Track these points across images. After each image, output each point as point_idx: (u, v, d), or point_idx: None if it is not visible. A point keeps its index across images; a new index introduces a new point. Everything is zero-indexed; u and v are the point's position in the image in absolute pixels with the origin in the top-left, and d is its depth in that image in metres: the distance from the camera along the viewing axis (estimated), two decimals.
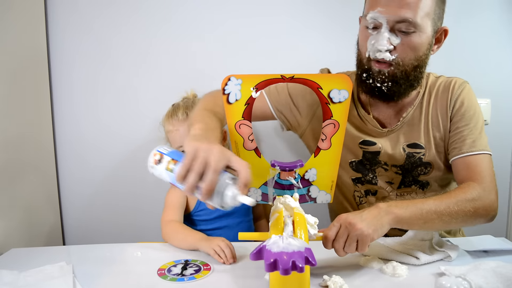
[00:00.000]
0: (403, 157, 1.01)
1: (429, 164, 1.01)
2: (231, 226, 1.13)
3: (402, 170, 1.02)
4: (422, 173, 1.01)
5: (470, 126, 0.96)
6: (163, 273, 0.83)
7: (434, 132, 0.99)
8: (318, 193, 0.84)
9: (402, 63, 0.90)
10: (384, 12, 0.86)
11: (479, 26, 1.33)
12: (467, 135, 0.95)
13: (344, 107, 0.78)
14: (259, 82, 0.77)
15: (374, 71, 0.92)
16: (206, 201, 0.66)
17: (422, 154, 1.00)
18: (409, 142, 1.01)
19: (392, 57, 0.89)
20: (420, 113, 1.00)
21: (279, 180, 0.83)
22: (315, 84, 0.77)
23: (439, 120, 0.99)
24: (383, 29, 0.87)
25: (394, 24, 0.87)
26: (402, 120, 1.01)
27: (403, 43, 0.88)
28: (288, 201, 0.76)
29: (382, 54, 0.88)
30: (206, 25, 1.33)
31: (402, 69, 0.91)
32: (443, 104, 0.99)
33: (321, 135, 0.81)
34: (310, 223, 0.75)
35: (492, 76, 1.35)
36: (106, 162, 1.38)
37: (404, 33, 0.87)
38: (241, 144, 0.81)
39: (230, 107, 0.78)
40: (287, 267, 0.55)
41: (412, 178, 1.03)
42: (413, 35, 0.88)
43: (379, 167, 1.04)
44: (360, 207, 1.08)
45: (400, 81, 0.92)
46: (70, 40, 1.32)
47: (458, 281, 0.69)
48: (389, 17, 0.86)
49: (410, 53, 0.89)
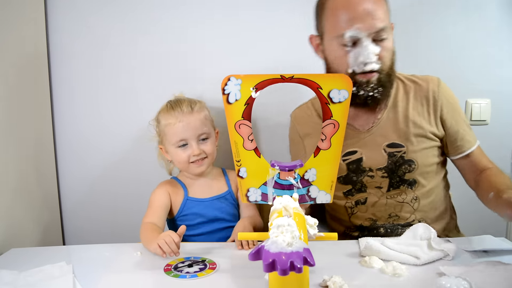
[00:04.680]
0: (385, 158, 1.04)
1: (412, 161, 1.03)
2: (215, 232, 1.11)
3: (387, 171, 1.04)
4: (407, 171, 1.04)
5: (461, 122, 1.05)
6: (169, 269, 0.84)
7: (416, 129, 1.03)
8: (318, 193, 0.84)
9: (384, 66, 0.97)
10: (362, 28, 0.92)
11: (479, 26, 1.33)
12: (463, 133, 1.04)
13: (344, 107, 0.78)
14: (258, 82, 0.77)
15: (361, 82, 0.97)
16: None
17: (403, 152, 1.03)
18: (388, 142, 1.04)
19: (378, 65, 0.96)
20: (395, 113, 1.05)
21: (278, 180, 0.83)
22: (315, 84, 0.77)
23: (423, 117, 1.04)
24: (365, 43, 0.93)
25: (373, 36, 0.94)
26: (377, 122, 1.05)
27: (382, 49, 0.95)
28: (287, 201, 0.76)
29: (370, 66, 0.95)
30: (206, 25, 1.33)
31: (385, 73, 0.98)
32: (424, 101, 1.04)
33: (320, 135, 0.81)
34: (309, 224, 0.75)
35: (492, 76, 1.35)
36: (106, 162, 1.38)
37: (381, 41, 0.95)
38: (241, 144, 0.81)
39: (230, 107, 0.78)
40: (285, 268, 0.55)
41: (399, 179, 1.04)
42: (386, 40, 0.96)
43: (365, 176, 1.06)
44: (352, 219, 1.10)
45: (386, 83, 0.99)
46: (70, 40, 1.32)
47: (458, 281, 0.69)
48: (369, 31, 0.93)
49: (388, 56, 0.98)
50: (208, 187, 1.13)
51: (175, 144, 1.07)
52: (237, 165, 0.83)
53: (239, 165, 0.83)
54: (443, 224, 1.09)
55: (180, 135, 1.07)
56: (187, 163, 1.08)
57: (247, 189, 0.84)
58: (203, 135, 1.09)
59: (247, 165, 0.83)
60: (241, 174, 0.83)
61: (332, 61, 1.01)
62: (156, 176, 1.36)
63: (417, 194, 1.05)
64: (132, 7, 1.32)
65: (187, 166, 1.09)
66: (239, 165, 0.83)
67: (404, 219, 1.05)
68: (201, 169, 1.10)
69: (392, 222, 1.07)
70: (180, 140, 1.07)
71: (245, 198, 0.85)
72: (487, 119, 1.36)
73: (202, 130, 1.08)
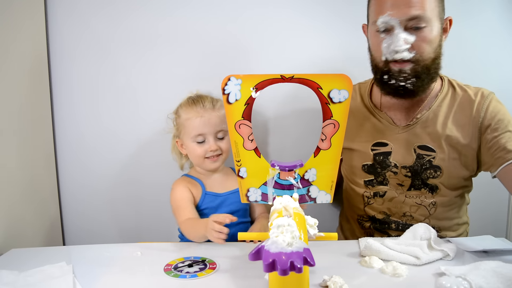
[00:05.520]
0: (413, 158, 1.02)
1: (439, 167, 1.01)
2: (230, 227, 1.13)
3: (412, 171, 1.03)
4: (431, 176, 1.02)
5: (506, 134, 0.95)
6: (169, 269, 0.84)
7: (450, 139, 1.00)
8: (318, 193, 0.85)
9: (421, 58, 0.93)
10: (394, 14, 0.90)
11: (479, 25, 1.33)
12: (505, 143, 0.94)
13: (344, 107, 0.78)
14: (258, 82, 0.77)
15: (394, 71, 0.95)
16: None
17: (432, 157, 1.01)
18: (420, 144, 1.02)
19: (411, 54, 0.92)
20: (436, 117, 1.02)
21: (278, 180, 0.83)
22: (315, 84, 0.77)
23: (459, 127, 1.00)
24: (396, 30, 0.91)
25: (406, 23, 0.90)
26: (416, 121, 1.02)
27: (418, 39, 0.91)
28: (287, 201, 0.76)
29: (400, 54, 0.92)
30: (207, 25, 1.32)
31: (422, 64, 0.94)
32: (467, 113, 0.99)
33: (321, 135, 0.81)
34: (309, 224, 0.75)
35: (492, 75, 1.35)
36: (106, 162, 1.37)
37: (417, 30, 0.91)
38: (241, 144, 0.81)
39: (230, 107, 0.79)
40: (285, 268, 0.55)
41: (421, 181, 1.03)
42: (426, 30, 0.91)
43: (389, 171, 1.05)
44: (366, 208, 1.10)
45: (422, 75, 0.95)
46: (70, 40, 1.32)
47: (458, 281, 0.69)
48: (401, 18, 0.90)
49: (426, 47, 0.93)
50: (222, 182, 1.15)
51: (193, 138, 1.09)
52: (237, 165, 0.83)
53: (239, 165, 0.83)
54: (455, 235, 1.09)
55: (199, 129, 1.08)
56: (203, 158, 1.10)
57: (247, 189, 0.85)
58: (220, 132, 1.10)
59: (247, 165, 0.83)
60: (241, 174, 0.84)
61: (371, 49, 1.01)
62: (156, 176, 1.36)
63: (436, 201, 1.04)
64: (132, 7, 1.31)
65: (202, 161, 1.11)
66: (239, 165, 0.83)
67: (417, 220, 1.05)
68: (216, 165, 1.11)
69: (405, 221, 1.06)
70: (198, 134, 1.08)
71: (245, 198, 0.85)
72: None
73: (220, 127, 1.10)
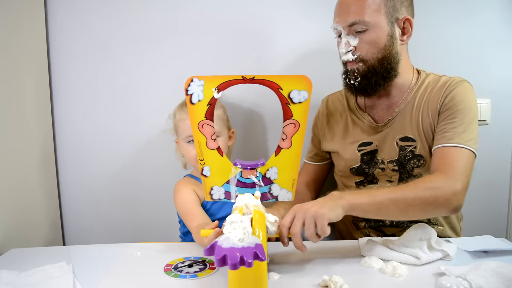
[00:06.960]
0: (396, 151, 1.06)
1: (421, 156, 1.04)
2: None
3: (398, 164, 1.06)
4: (416, 166, 1.05)
5: (455, 120, 0.97)
6: (169, 269, 0.84)
7: (425, 125, 1.03)
8: (280, 191, 0.87)
9: (365, 58, 1.00)
10: (339, 21, 1.00)
11: (479, 25, 1.33)
12: (450, 128, 0.97)
13: (304, 108, 0.80)
14: (220, 83, 0.79)
15: (349, 70, 1.04)
16: None
17: (413, 147, 1.04)
18: (402, 136, 1.05)
19: (354, 56, 1.00)
20: (412, 107, 1.05)
21: (241, 178, 0.85)
22: (275, 85, 0.79)
23: (429, 113, 1.03)
24: (342, 35, 1.01)
25: (349, 29, 0.99)
26: (394, 115, 1.07)
27: (361, 41, 0.99)
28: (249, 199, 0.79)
29: (345, 56, 1.02)
30: (207, 25, 1.32)
31: (368, 64, 1.01)
32: (435, 98, 1.03)
33: (282, 134, 0.83)
34: (270, 221, 0.78)
35: (492, 75, 1.35)
36: (106, 163, 1.38)
37: (360, 33, 0.99)
38: (204, 143, 0.83)
39: (193, 107, 0.81)
40: (235, 262, 0.58)
41: (408, 174, 1.06)
42: (367, 33, 0.98)
43: (377, 168, 1.08)
44: None
45: (368, 75, 1.01)
46: (70, 40, 1.32)
47: (458, 281, 0.69)
48: (343, 24, 1.00)
49: (370, 48, 0.99)
50: None
51: (185, 139, 1.09)
52: (200, 164, 0.84)
53: (203, 164, 0.84)
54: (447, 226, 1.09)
55: (190, 131, 1.07)
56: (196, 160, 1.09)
57: (210, 187, 0.86)
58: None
59: (210, 164, 0.84)
60: (204, 173, 0.85)
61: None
62: (156, 177, 1.36)
63: None
64: (132, 7, 1.31)
65: (196, 163, 1.10)
66: (202, 164, 0.84)
67: None
68: None
69: None
70: (189, 136, 1.08)
71: (209, 196, 0.87)
72: (487, 119, 1.36)
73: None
